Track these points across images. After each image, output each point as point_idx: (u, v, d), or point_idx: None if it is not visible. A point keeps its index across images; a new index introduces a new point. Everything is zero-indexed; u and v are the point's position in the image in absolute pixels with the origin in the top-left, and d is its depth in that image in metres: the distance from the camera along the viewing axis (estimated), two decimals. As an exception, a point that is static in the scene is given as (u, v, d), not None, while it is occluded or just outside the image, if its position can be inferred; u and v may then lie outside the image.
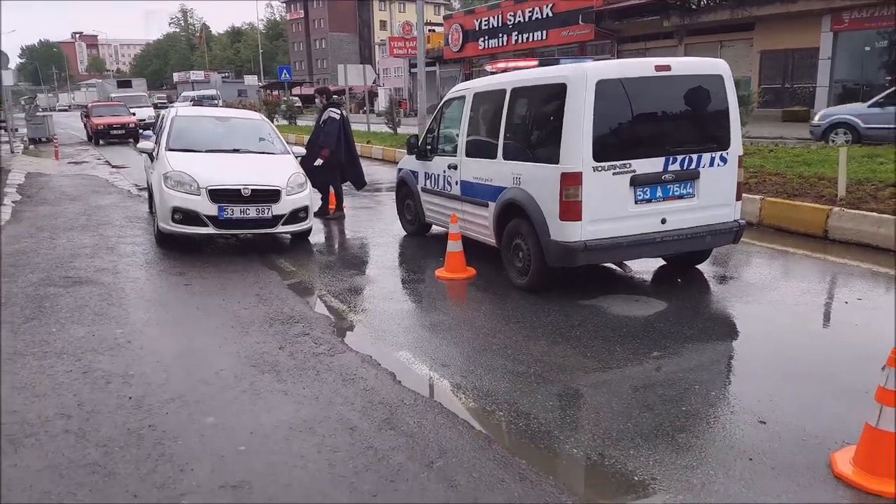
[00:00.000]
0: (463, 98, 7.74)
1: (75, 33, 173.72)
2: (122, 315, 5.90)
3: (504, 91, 6.85)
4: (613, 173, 5.98)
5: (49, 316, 5.83)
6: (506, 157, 6.78)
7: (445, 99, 8.38)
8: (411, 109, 43.95)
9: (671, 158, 6.19)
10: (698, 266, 7.30)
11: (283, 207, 8.22)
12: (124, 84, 54.56)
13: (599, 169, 5.91)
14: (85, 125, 32.03)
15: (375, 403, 4.22)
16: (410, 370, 4.83)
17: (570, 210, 5.93)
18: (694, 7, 31.57)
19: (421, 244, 9.00)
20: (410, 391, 4.44)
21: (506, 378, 4.63)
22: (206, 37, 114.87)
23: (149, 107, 36.28)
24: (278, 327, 5.66)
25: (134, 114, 29.86)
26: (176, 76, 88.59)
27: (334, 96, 12.00)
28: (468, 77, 44.82)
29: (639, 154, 6.08)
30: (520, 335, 5.47)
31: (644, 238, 6.18)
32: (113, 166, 19.38)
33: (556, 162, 5.97)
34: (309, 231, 8.92)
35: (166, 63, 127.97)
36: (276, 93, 48.63)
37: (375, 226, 10.26)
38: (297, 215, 8.44)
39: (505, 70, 7.55)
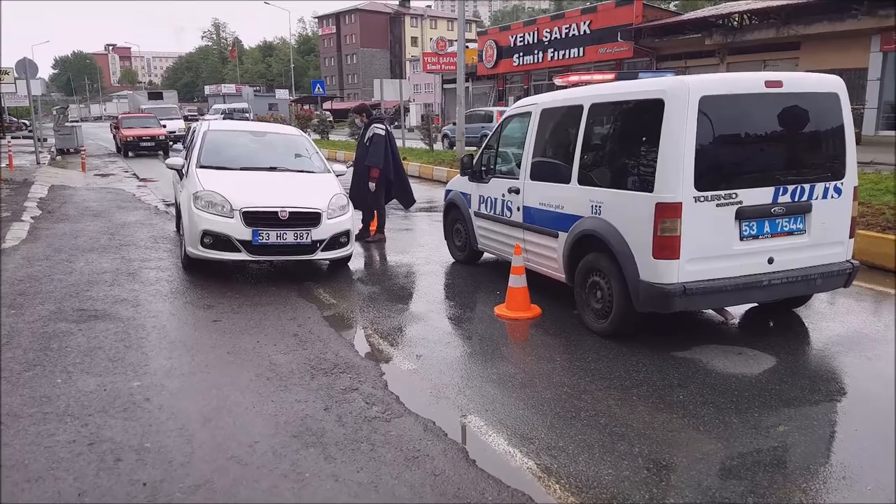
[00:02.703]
0: (528, 115, 6.87)
1: (109, 45, 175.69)
2: (141, 361, 5.06)
3: (581, 107, 5.98)
4: (717, 205, 5.08)
5: (55, 362, 4.99)
6: (582, 182, 5.90)
7: (506, 115, 7.52)
8: (444, 125, 43.19)
9: (781, 189, 5.30)
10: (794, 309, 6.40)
11: (323, 232, 7.39)
12: (155, 96, 54.71)
13: (701, 199, 5.02)
14: (114, 136, 31.68)
15: (450, 497, 3.34)
16: (485, 444, 3.95)
17: (667, 246, 5.03)
18: (737, 25, 30.64)
19: (472, 274, 8.13)
20: (491, 478, 3.55)
21: (607, 460, 3.73)
22: (238, 51, 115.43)
23: (179, 119, 35.98)
24: (322, 379, 4.80)
25: (164, 126, 29.41)
26: (207, 89, 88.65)
27: (374, 111, 11.23)
28: (502, 93, 44.20)
29: (745, 183, 5.20)
30: (611, 397, 4.57)
31: (750, 281, 5.27)
32: (140, 179, 18.79)
33: (650, 190, 5.08)
34: (349, 257, 8.09)
35: (198, 76, 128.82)
36: (307, 107, 48.24)
37: (419, 251, 9.40)
38: (338, 240, 7.61)
39: (577, 84, 6.69)
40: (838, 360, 5.35)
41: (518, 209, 6.89)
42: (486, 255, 8.34)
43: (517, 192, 6.88)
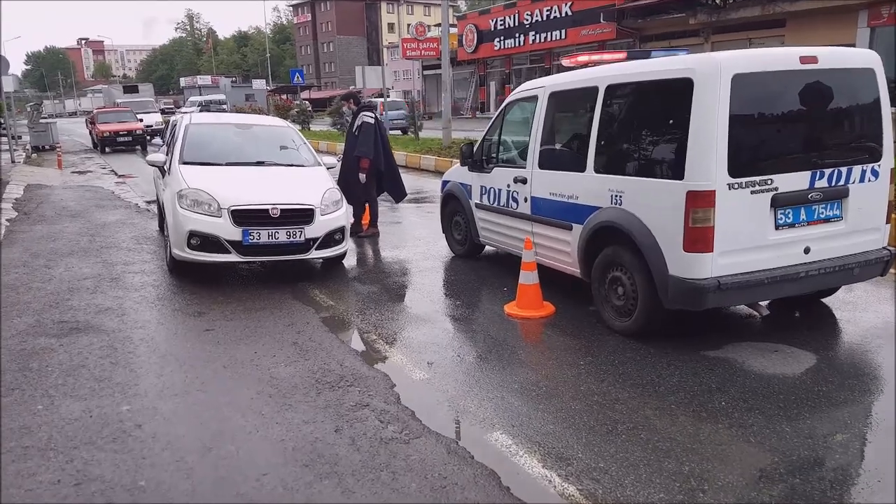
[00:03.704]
0: (534, 98, 6.45)
1: (81, 39, 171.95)
2: (130, 380, 4.59)
3: (595, 89, 5.56)
4: (752, 191, 4.70)
5: (35, 385, 4.50)
6: (599, 171, 5.49)
7: (509, 100, 7.08)
8: (424, 113, 42.62)
9: (818, 173, 4.92)
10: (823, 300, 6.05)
11: (317, 229, 6.94)
12: (131, 89, 53.48)
13: (736, 186, 4.63)
14: (90, 132, 30.81)
15: (491, 536, 2.94)
16: (517, 468, 3.55)
17: (699, 239, 4.64)
18: (721, 4, 30.30)
19: (475, 268, 7.71)
20: (532, 510, 3.16)
21: (656, 481, 3.35)
22: (213, 41, 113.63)
23: (157, 112, 35.15)
24: (329, 395, 4.38)
25: (141, 120, 28.63)
26: (183, 81, 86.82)
27: (363, 99, 10.74)
28: (483, 79, 43.67)
29: (781, 167, 4.82)
30: (647, 406, 4.18)
31: (786, 273, 4.89)
32: (119, 176, 18.15)
33: (680, 177, 4.68)
34: (344, 255, 7.65)
35: (173, 68, 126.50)
36: (285, 96, 47.42)
37: (416, 246, 8.96)
38: (333, 237, 7.16)
39: (587, 64, 6.26)
40: (881, 354, 5.01)
41: (525, 200, 6.48)
42: (487, 248, 7.94)
43: (524, 181, 6.47)
